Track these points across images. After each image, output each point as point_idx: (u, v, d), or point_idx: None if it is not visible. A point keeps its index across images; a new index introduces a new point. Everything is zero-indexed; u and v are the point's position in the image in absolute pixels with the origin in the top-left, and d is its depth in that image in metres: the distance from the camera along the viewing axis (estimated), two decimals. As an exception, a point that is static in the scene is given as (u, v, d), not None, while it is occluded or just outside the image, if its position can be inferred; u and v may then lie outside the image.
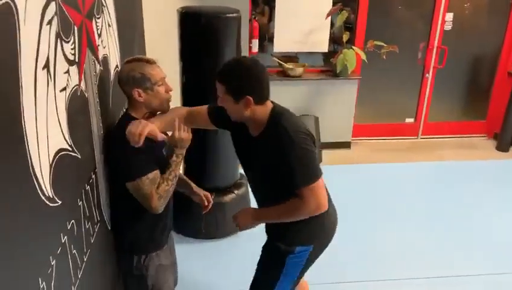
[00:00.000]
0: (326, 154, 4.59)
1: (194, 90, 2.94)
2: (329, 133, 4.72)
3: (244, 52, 4.16)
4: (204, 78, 2.86)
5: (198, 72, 2.90)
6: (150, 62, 1.79)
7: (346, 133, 4.83)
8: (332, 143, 4.80)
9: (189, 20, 2.81)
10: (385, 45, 4.30)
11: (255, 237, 2.18)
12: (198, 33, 2.79)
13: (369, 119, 5.08)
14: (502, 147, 4.93)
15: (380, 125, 5.12)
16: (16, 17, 0.97)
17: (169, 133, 1.81)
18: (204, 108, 2.00)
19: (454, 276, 2.92)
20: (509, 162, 4.61)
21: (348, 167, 4.39)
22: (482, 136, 5.27)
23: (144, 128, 1.64)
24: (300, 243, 1.89)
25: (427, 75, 4.91)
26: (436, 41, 4.77)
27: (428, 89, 4.98)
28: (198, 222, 3.16)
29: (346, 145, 4.87)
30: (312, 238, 1.90)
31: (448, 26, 4.73)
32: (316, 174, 1.72)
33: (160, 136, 1.73)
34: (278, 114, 1.75)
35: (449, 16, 4.69)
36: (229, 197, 3.18)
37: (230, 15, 2.80)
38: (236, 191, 3.22)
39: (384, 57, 4.33)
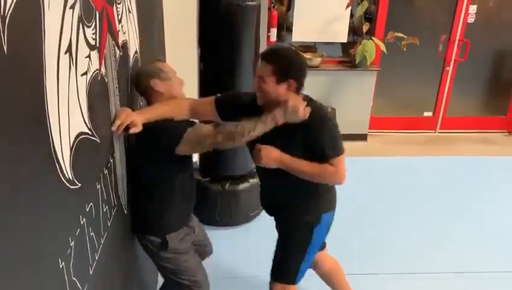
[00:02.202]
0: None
1: (211, 77, 2.95)
2: (346, 125, 4.64)
3: (262, 41, 4.15)
4: (223, 66, 2.88)
5: (216, 60, 2.90)
6: (160, 60, 1.93)
7: (363, 125, 4.79)
8: (349, 135, 4.74)
9: (208, 7, 2.80)
10: (405, 37, 4.23)
11: (268, 225, 2.20)
12: (217, 20, 2.78)
13: (387, 112, 5.02)
14: (522, 144, 4.83)
15: (397, 118, 5.06)
16: (41, 1, 0.98)
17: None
18: (210, 99, 2.02)
19: (470, 272, 2.90)
20: (529, 159, 4.52)
21: (364, 159, 4.35)
22: (502, 132, 5.17)
23: (125, 119, 1.66)
24: (325, 209, 2.03)
25: (447, 68, 4.82)
26: (458, 34, 4.67)
27: (448, 83, 4.89)
28: (213, 209, 3.19)
29: (363, 137, 4.83)
30: (332, 203, 2.07)
31: (471, 19, 4.63)
32: (343, 147, 1.87)
33: (138, 129, 1.72)
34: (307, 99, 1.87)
35: (472, 9, 4.58)
36: (243, 186, 3.19)
37: (250, 3, 2.79)
38: (251, 180, 3.23)
39: (405, 48, 4.26)
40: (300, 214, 2.01)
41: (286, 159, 1.84)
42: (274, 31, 4.32)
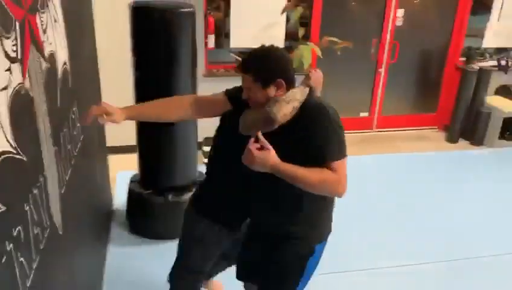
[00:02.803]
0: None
1: (146, 86, 2.87)
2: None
3: (201, 48, 4.12)
4: (159, 74, 2.82)
5: (152, 68, 2.83)
6: None
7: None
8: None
9: (141, 15, 2.73)
10: (339, 41, 4.37)
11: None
12: (151, 28, 2.72)
13: (326, 114, 5.15)
14: (451, 139, 5.15)
15: (336, 119, 5.20)
16: None
17: None
18: (219, 94, 1.93)
19: (407, 265, 3.02)
20: (458, 153, 4.82)
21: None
22: (433, 128, 5.48)
23: (95, 110, 1.72)
24: (320, 239, 1.85)
25: (380, 70, 5.04)
26: (388, 37, 4.91)
27: (381, 84, 5.12)
28: (157, 222, 3.10)
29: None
30: (327, 231, 1.89)
31: (399, 22, 4.87)
32: (346, 150, 1.69)
33: (110, 123, 1.76)
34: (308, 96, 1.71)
35: (400, 12, 4.83)
36: (188, 196, 3.13)
37: (184, 10, 2.75)
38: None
39: (339, 52, 4.40)
40: (294, 241, 1.82)
41: (281, 163, 1.61)
42: (212, 38, 4.31)
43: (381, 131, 5.35)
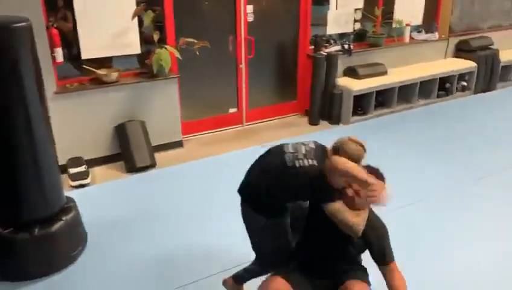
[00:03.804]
0: (160, 157, 4.51)
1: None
2: (159, 135, 4.65)
3: (47, 64, 3.78)
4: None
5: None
6: None
7: (175, 133, 4.81)
8: (164, 145, 4.74)
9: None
10: (196, 41, 4.39)
11: (95, 265, 2.01)
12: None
13: (197, 115, 5.15)
14: (313, 121, 5.55)
15: (206, 119, 5.23)
16: None
17: None
18: None
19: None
20: (320, 133, 5.21)
21: (182, 165, 4.38)
22: (297, 114, 5.84)
23: None
24: None
25: (240, 65, 5.19)
26: (242, 33, 5.06)
27: (244, 79, 5.28)
28: (23, 261, 2.77)
29: (178, 144, 4.85)
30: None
31: (250, 18, 5.06)
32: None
33: None
34: None
35: (250, 8, 5.02)
36: (57, 226, 2.85)
37: (18, 24, 2.48)
38: (64, 218, 2.90)
39: (197, 52, 4.42)
40: None
41: None
42: (59, 51, 3.96)
43: (251, 124, 5.53)
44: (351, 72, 5.65)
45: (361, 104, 5.63)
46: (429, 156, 4.56)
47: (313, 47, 5.56)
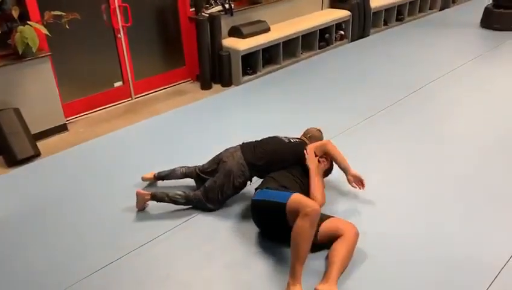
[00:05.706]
0: (43, 145, 4.15)
1: None
2: (39, 121, 4.26)
3: None
4: None
5: None
6: None
7: (57, 116, 4.44)
8: (46, 131, 4.37)
9: None
10: (64, 14, 4.01)
11: None
12: None
13: (79, 94, 4.80)
14: (205, 86, 5.49)
15: (91, 97, 4.90)
16: None
17: None
18: None
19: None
20: (214, 98, 5.17)
21: (71, 150, 4.08)
22: (188, 81, 5.73)
23: None
24: None
25: (119, 35, 4.88)
26: (116, 1, 4.74)
27: (125, 49, 4.99)
28: None
29: (62, 128, 4.51)
30: None
31: (121, -16, 4.74)
32: None
33: None
34: None
35: (120, -27, 4.68)
36: None
37: None
38: None
39: (67, 26, 4.05)
40: None
41: None
42: None
43: (141, 96, 5.31)
44: (235, 32, 5.63)
45: (250, 64, 5.68)
46: (321, 102, 4.76)
47: (193, 9, 5.41)
